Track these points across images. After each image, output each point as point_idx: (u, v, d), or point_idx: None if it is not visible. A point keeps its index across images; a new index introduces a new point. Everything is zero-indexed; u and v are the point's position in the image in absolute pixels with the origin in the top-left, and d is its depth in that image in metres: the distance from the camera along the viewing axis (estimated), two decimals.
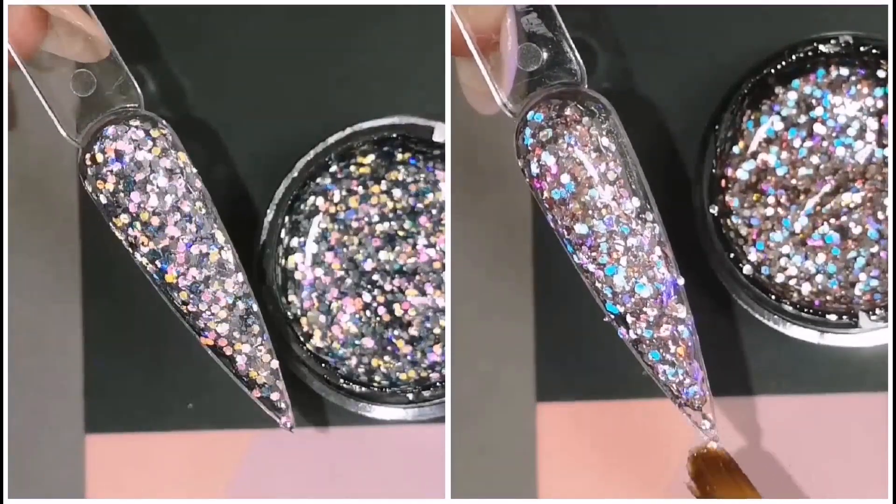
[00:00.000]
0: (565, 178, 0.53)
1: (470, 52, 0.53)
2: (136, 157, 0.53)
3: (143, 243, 0.53)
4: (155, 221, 0.53)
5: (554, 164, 0.53)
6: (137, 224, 0.53)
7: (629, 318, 0.53)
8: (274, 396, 0.55)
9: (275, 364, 0.55)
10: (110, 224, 0.54)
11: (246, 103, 0.59)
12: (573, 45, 0.54)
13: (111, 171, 0.53)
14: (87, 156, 0.53)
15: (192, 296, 0.54)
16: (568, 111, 0.53)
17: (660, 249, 0.53)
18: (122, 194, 0.53)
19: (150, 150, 0.53)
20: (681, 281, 0.53)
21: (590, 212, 0.53)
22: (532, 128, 0.53)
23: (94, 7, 0.54)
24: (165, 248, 0.53)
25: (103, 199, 0.53)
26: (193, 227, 0.54)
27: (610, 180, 0.53)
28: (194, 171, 0.54)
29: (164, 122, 0.54)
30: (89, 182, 0.53)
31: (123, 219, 0.53)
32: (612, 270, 0.53)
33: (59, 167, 0.60)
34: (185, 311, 0.54)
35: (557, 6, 0.54)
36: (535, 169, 0.53)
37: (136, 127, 0.54)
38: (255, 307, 0.55)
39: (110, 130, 0.53)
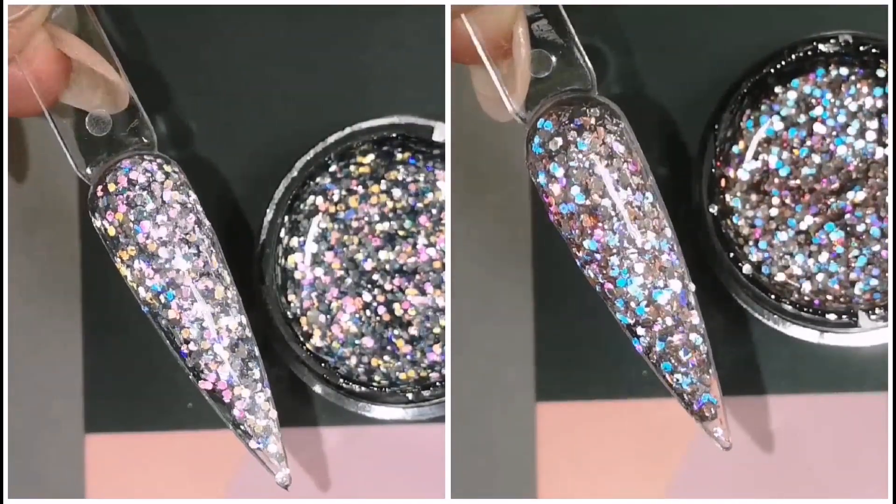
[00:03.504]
0: (574, 191, 0.52)
1: (480, 59, 0.53)
2: (149, 187, 0.53)
3: (148, 276, 0.53)
4: (163, 253, 0.53)
5: (563, 176, 0.52)
6: (144, 256, 0.53)
7: (640, 329, 0.53)
8: (271, 449, 0.54)
9: (273, 414, 0.54)
10: (116, 260, 0.53)
11: (246, 103, 0.59)
12: (583, 51, 0.54)
13: (123, 200, 0.53)
14: (99, 188, 0.54)
15: (194, 333, 0.53)
16: (579, 118, 0.53)
17: (675, 254, 0.53)
18: (131, 224, 0.53)
19: (162, 184, 0.53)
20: (692, 287, 0.53)
21: (601, 223, 0.52)
22: (542, 136, 0.53)
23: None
24: (171, 282, 0.53)
25: (112, 231, 0.53)
26: (200, 262, 0.53)
27: (625, 185, 0.52)
28: (202, 210, 0.54)
29: (176, 163, 0.54)
30: (99, 215, 0.53)
31: (130, 251, 0.53)
32: (623, 283, 0.52)
33: (59, 167, 0.60)
34: (185, 350, 0.53)
35: (567, 10, 0.54)
36: (542, 179, 0.53)
37: (151, 161, 0.54)
38: (257, 352, 0.54)
39: (125, 163, 0.54)
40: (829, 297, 0.58)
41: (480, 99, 0.55)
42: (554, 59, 0.54)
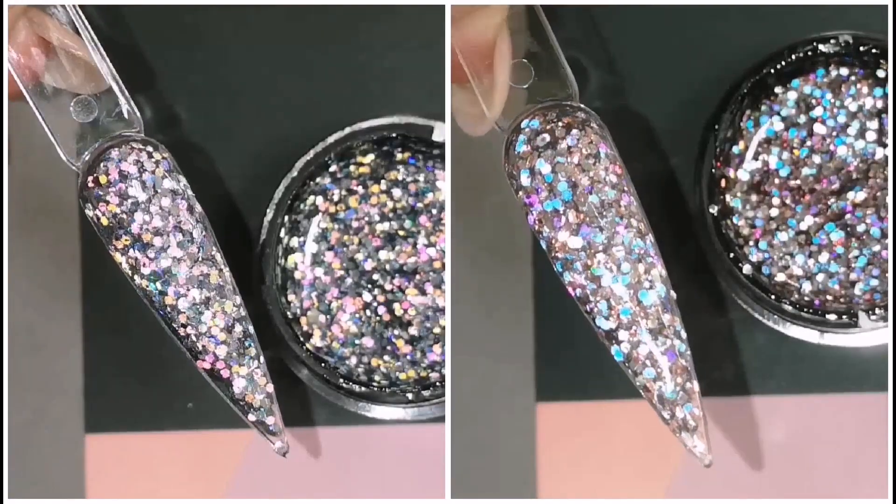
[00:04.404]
0: (562, 187, 0.52)
1: (463, 77, 0.54)
2: (140, 178, 0.54)
3: (143, 265, 0.54)
4: (157, 242, 0.53)
5: (549, 172, 0.52)
6: (139, 245, 0.53)
7: (622, 334, 0.53)
8: (269, 420, 0.55)
9: (270, 388, 0.55)
10: (110, 247, 0.54)
11: (246, 103, 0.59)
12: (565, 62, 0.54)
13: (115, 192, 0.53)
14: (90, 178, 0.54)
15: (191, 318, 0.54)
16: (566, 116, 0.53)
17: (659, 260, 0.53)
18: (125, 215, 0.53)
19: (153, 172, 0.54)
20: (674, 294, 0.53)
21: (588, 219, 0.52)
22: (527, 134, 0.53)
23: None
24: (167, 269, 0.54)
25: (105, 221, 0.54)
26: (195, 248, 0.54)
27: (611, 185, 0.52)
28: (193, 195, 0.54)
29: (164, 147, 0.55)
30: (91, 204, 0.54)
31: (125, 240, 0.53)
32: (608, 281, 0.52)
33: (58, 167, 0.60)
34: (183, 334, 0.54)
35: (549, 20, 0.54)
36: (525, 180, 0.53)
37: (140, 150, 0.54)
38: (252, 330, 0.55)
39: (114, 153, 0.54)
40: (830, 298, 0.58)
41: (457, 116, 0.56)
42: (533, 70, 0.54)
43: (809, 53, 0.57)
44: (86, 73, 0.55)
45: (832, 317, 0.56)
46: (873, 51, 0.57)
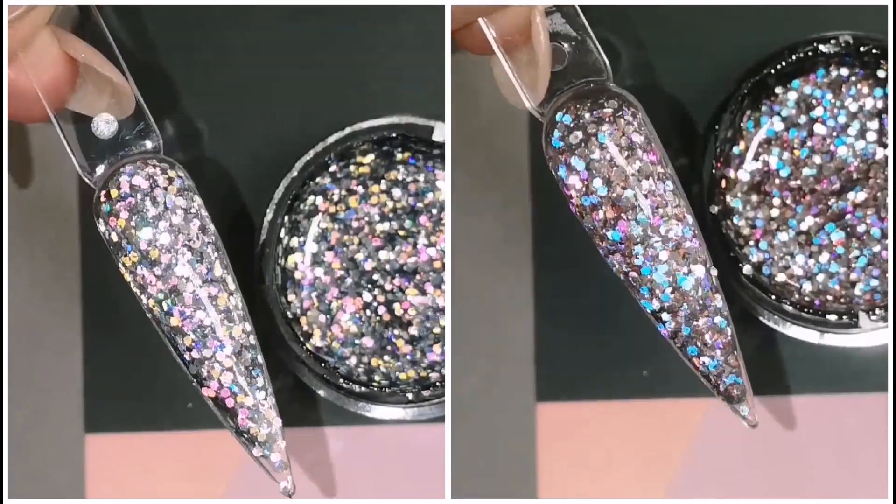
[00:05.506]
0: (597, 184, 0.53)
1: (493, 51, 0.54)
2: (151, 193, 0.53)
3: (150, 283, 0.53)
4: (165, 259, 0.53)
5: (584, 170, 0.53)
6: (146, 263, 0.53)
7: (665, 315, 0.53)
8: (274, 458, 0.54)
9: (277, 423, 0.54)
10: (120, 265, 0.53)
11: (246, 103, 0.59)
12: (597, 43, 0.54)
13: (125, 206, 0.53)
14: (103, 193, 0.53)
15: (196, 341, 0.53)
16: (597, 110, 0.53)
17: (697, 240, 0.53)
18: (133, 230, 0.53)
19: (166, 189, 0.53)
20: (714, 271, 0.53)
21: (624, 214, 0.53)
22: (561, 130, 0.53)
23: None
24: (174, 289, 0.53)
25: (115, 237, 0.53)
26: (204, 268, 0.53)
27: (646, 175, 0.53)
28: (208, 215, 0.54)
29: (181, 166, 0.54)
30: (102, 219, 0.53)
31: (133, 257, 0.53)
32: (647, 271, 0.53)
33: (59, 168, 0.60)
34: (188, 358, 0.53)
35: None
36: (563, 173, 0.53)
37: (154, 166, 0.53)
38: (261, 359, 0.54)
39: (128, 168, 0.53)
40: (830, 298, 0.58)
41: (500, 87, 0.55)
42: (568, 50, 0.54)
43: (809, 53, 0.57)
44: (112, 95, 0.54)
45: (832, 317, 0.56)
46: (873, 51, 0.57)
